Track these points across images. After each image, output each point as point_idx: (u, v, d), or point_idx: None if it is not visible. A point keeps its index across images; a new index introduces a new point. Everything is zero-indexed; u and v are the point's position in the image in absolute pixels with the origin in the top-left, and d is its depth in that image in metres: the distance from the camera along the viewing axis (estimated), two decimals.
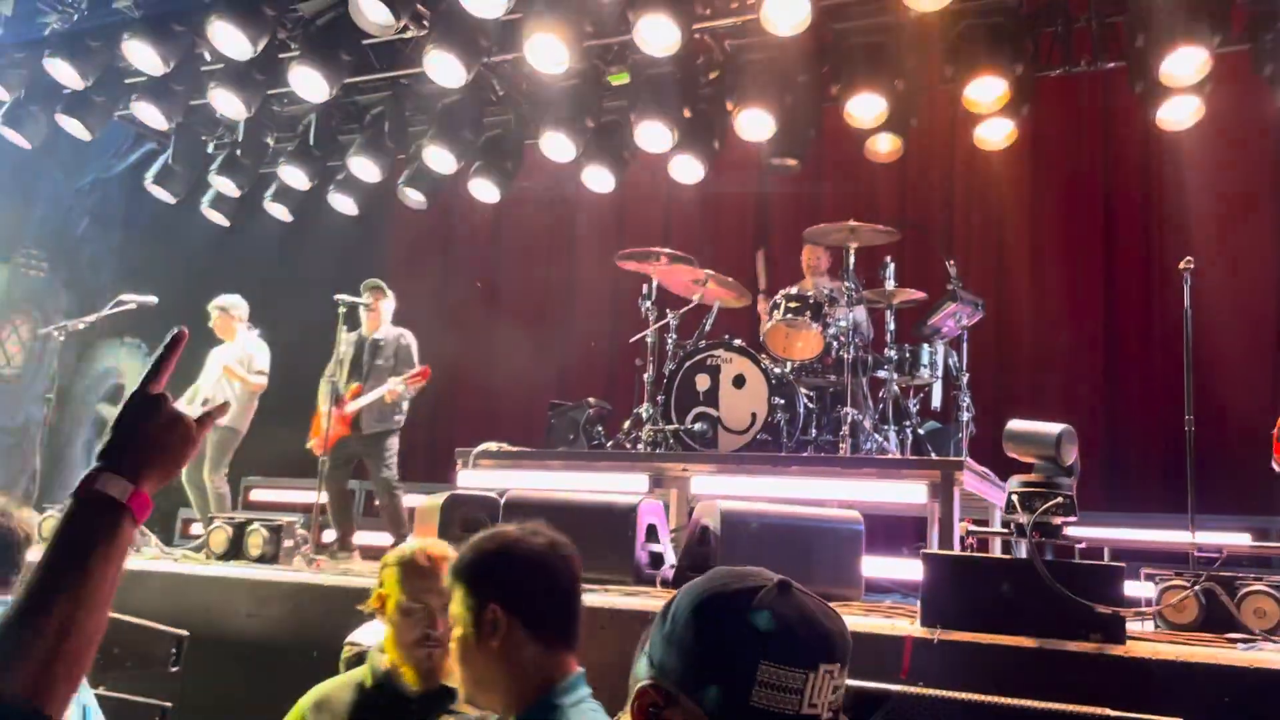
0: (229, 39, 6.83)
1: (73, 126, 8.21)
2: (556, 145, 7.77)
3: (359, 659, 3.10)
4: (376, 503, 7.10)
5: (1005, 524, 3.73)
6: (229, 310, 7.22)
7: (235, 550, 5.46)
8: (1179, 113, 6.63)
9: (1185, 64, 6.15)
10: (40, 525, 2.98)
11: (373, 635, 3.20)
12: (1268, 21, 6.29)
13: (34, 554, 2.96)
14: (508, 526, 2.07)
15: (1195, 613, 3.81)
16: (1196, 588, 3.77)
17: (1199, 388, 5.40)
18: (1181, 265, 5.38)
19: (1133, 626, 3.58)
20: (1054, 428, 3.57)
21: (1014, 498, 3.56)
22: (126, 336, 10.38)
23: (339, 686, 2.71)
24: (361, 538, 7.03)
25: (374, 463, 6.83)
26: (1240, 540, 6.05)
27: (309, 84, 7.23)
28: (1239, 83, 6.82)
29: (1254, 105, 7.00)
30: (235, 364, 7.01)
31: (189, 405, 6.97)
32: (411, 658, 2.55)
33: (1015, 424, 3.69)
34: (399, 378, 6.70)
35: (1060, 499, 3.48)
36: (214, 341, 7.27)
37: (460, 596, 1.94)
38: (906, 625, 3.62)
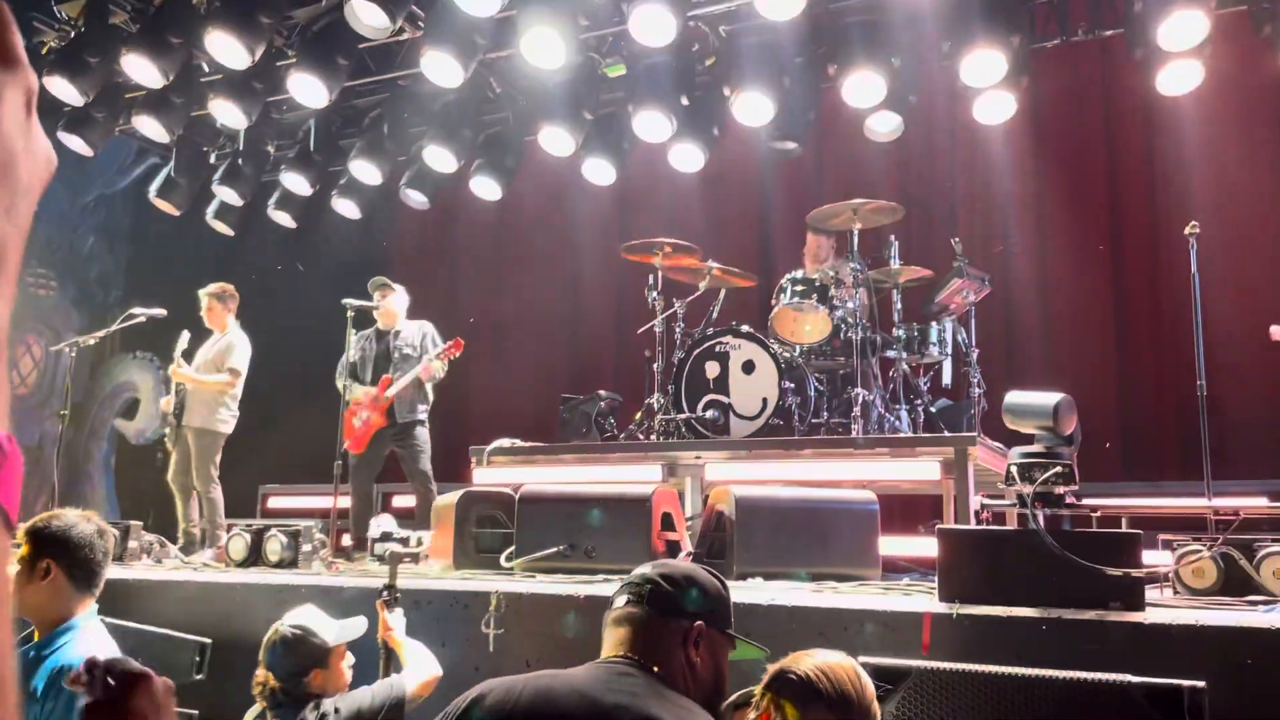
0: (226, 49, 6.85)
1: (75, 143, 8.24)
2: (556, 139, 7.78)
3: (289, 640, 3.23)
4: (410, 503, 7.12)
5: (1004, 495, 3.73)
6: (224, 299, 7.03)
7: (254, 557, 5.49)
8: (1179, 77, 6.60)
9: (1183, 28, 6.13)
10: None
11: (296, 616, 3.32)
12: None
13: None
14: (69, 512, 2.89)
15: (1214, 577, 3.80)
16: (1213, 551, 3.76)
17: (1209, 352, 5.40)
18: (1187, 230, 5.37)
19: (1152, 594, 3.58)
20: (1051, 397, 3.56)
21: (1013, 469, 3.56)
22: (138, 351, 10.45)
23: None
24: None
25: (408, 454, 6.85)
26: (1257, 503, 6.03)
27: (307, 90, 7.26)
28: (1239, 44, 6.78)
29: (1254, 66, 6.96)
30: (212, 370, 6.85)
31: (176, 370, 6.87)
32: None
33: (1013, 396, 3.68)
34: (432, 353, 6.74)
35: (1059, 468, 3.47)
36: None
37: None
38: (925, 601, 3.62)
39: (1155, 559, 4.10)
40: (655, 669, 2.01)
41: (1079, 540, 3.52)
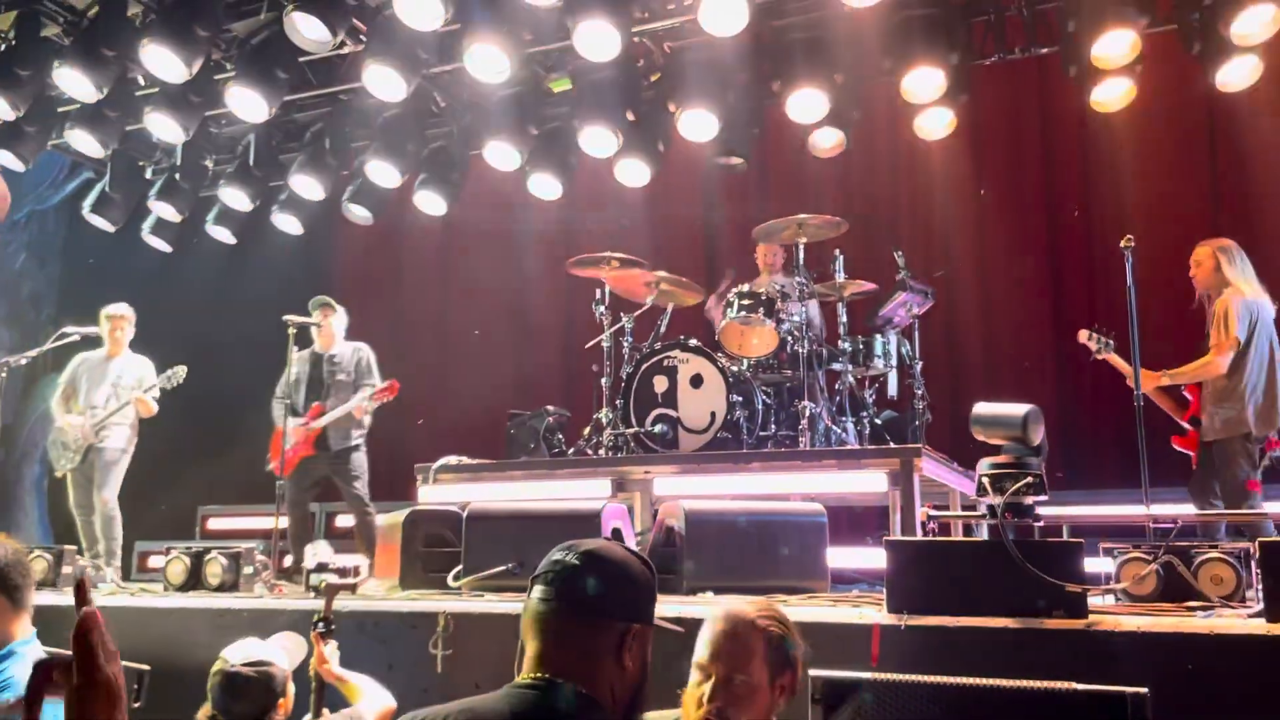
0: (163, 62, 6.71)
1: (6, 158, 8.01)
2: (501, 154, 7.75)
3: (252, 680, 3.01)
4: (352, 523, 7.01)
5: (972, 506, 3.76)
6: (131, 321, 7.03)
7: (194, 581, 5.36)
8: (1112, 94, 6.77)
9: (1115, 46, 6.29)
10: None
11: (248, 651, 3.12)
12: (1192, 1, 6.44)
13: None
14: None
15: (1154, 584, 3.87)
16: (1157, 560, 3.83)
17: (1146, 362, 5.51)
18: (1122, 243, 5.48)
19: (1094, 601, 3.63)
20: (1020, 408, 3.59)
21: (984, 480, 3.58)
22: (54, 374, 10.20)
23: None
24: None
25: (344, 481, 6.76)
26: (1193, 510, 6.17)
27: (247, 104, 7.14)
28: (1169, 62, 6.97)
29: (1185, 83, 7.16)
30: (145, 393, 6.83)
31: (62, 406, 6.80)
32: None
33: (981, 407, 3.70)
34: (365, 393, 6.63)
35: (1030, 478, 3.51)
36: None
37: None
38: (874, 613, 3.64)
39: (1096, 566, 4.17)
40: (581, 689, 1.78)
41: (1024, 549, 3.56)
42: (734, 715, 2.22)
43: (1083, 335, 5.96)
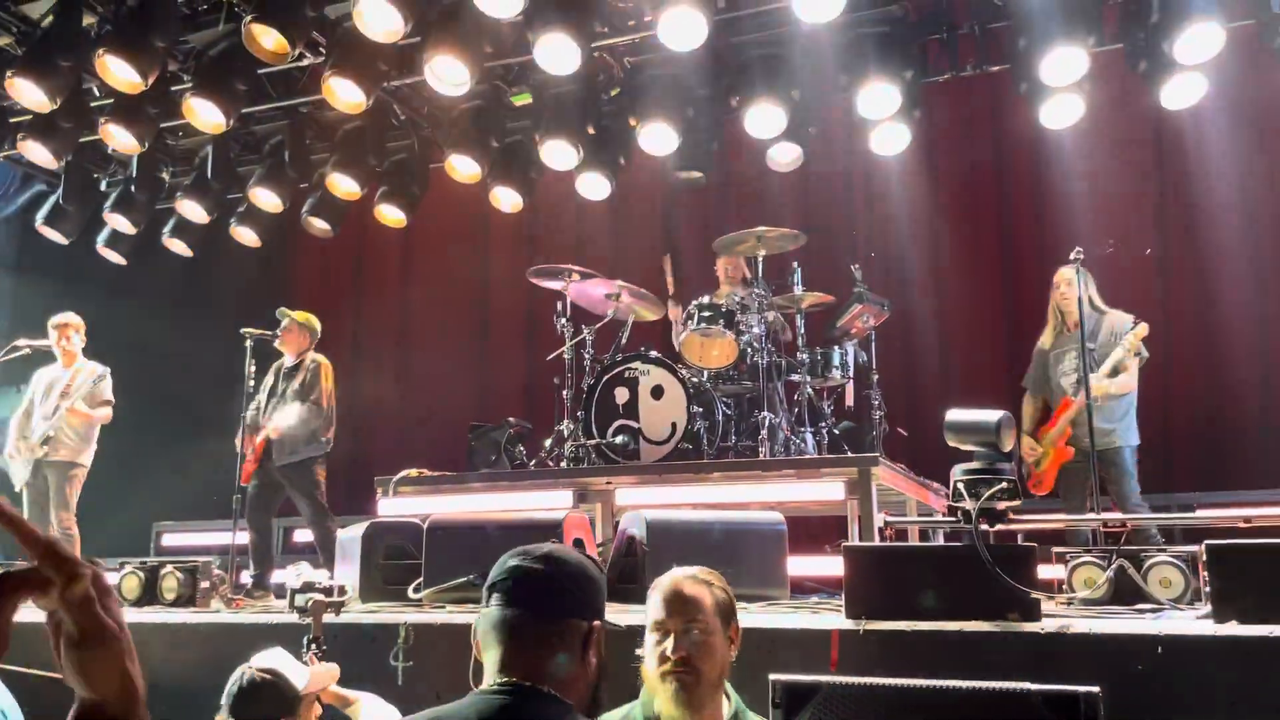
0: (118, 73, 6.63)
1: None
2: (462, 167, 7.76)
3: (256, 684, 3.01)
4: (310, 538, 6.94)
5: (929, 513, 3.81)
6: (79, 329, 6.93)
7: (150, 595, 5.28)
8: (1061, 111, 6.93)
9: (1064, 64, 6.43)
10: None
11: (268, 659, 3.11)
12: (1138, 20, 6.61)
13: None
14: None
15: (1105, 587, 3.96)
16: (1112, 566, 3.91)
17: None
18: (1072, 256, 5.63)
19: (1048, 605, 3.70)
20: (993, 415, 3.64)
21: (960, 485, 3.62)
22: (21, 385, 10.00)
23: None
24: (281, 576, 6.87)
25: (297, 495, 6.67)
26: (1141, 515, 6.30)
27: (204, 115, 7.08)
28: (1116, 80, 7.15)
29: (1131, 100, 7.35)
30: (79, 400, 6.69)
31: (22, 422, 6.72)
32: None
33: (955, 414, 3.73)
34: (279, 416, 6.56)
35: (1005, 484, 3.57)
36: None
37: None
38: (833, 619, 3.69)
39: (1050, 571, 4.25)
40: (548, 689, 1.78)
41: (975, 554, 3.63)
42: (699, 661, 2.38)
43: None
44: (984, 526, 3.55)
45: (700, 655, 2.39)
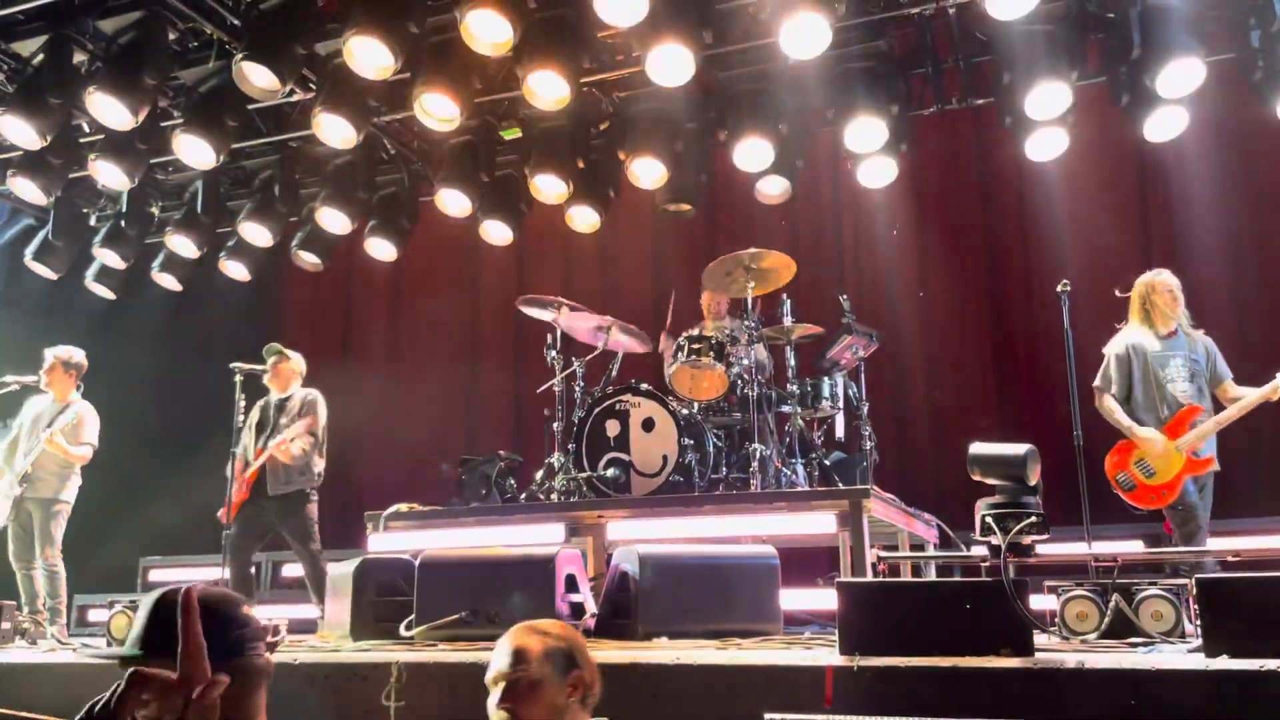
0: (108, 109, 6.65)
1: None
2: (452, 201, 7.79)
3: None
4: (300, 573, 6.89)
5: (920, 546, 3.82)
6: (72, 364, 6.84)
7: None
8: (1046, 144, 7.03)
9: (1048, 98, 6.53)
10: None
11: None
12: (1120, 55, 6.71)
13: None
14: None
15: (1096, 620, 3.97)
16: (1105, 600, 3.91)
17: (1084, 403, 5.67)
18: (1059, 288, 5.67)
19: (1040, 639, 3.71)
20: (1020, 448, 3.63)
21: (988, 519, 3.61)
22: (8, 419, 9.94)
23: None
24: (273, 611, 6.83)
25: (287, 530, 6.59)
26: (1133, 548, 6.32)
27: (194, 151, 7.11)
28: (1100, 113, 7.25)
29: (1115, 134, 7.44)
30: (60, 435, 6.59)
31: (9, 455, 6.67)
32: None
33: (980, 447, 3.71)
34: (279, 439, 6.51)
35: (1033, 518, 3.56)
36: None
37: None
38: (827, 655, 3.68)
39: (1041, 603, 4.26)
40: None
41: (970, 589, 3.64)
42: (522, 711, 2.39)
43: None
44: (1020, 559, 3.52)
45: (522, 704, 2.40)
